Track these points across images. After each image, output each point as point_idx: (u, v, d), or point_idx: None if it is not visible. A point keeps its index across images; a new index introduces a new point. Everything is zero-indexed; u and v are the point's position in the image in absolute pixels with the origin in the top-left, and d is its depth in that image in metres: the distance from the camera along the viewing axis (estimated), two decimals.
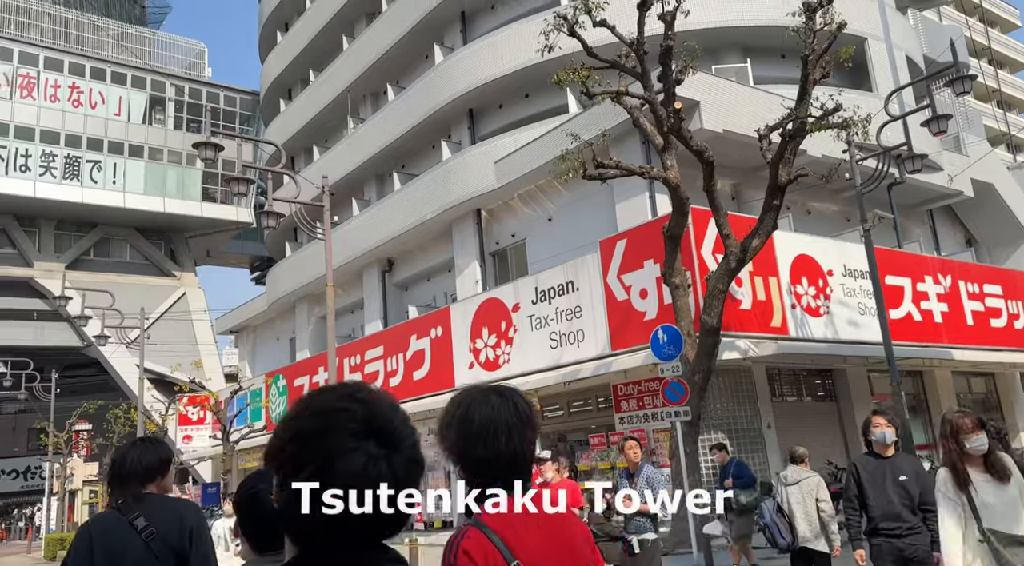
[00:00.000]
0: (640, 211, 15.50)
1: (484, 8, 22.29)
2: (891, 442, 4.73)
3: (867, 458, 4.81)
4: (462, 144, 22.13)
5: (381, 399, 1.16)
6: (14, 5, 39.74)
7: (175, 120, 39.63)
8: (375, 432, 1.10)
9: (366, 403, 1.13)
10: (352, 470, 1.07)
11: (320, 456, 1.08)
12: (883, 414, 4.86)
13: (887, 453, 4.73)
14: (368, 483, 1.07)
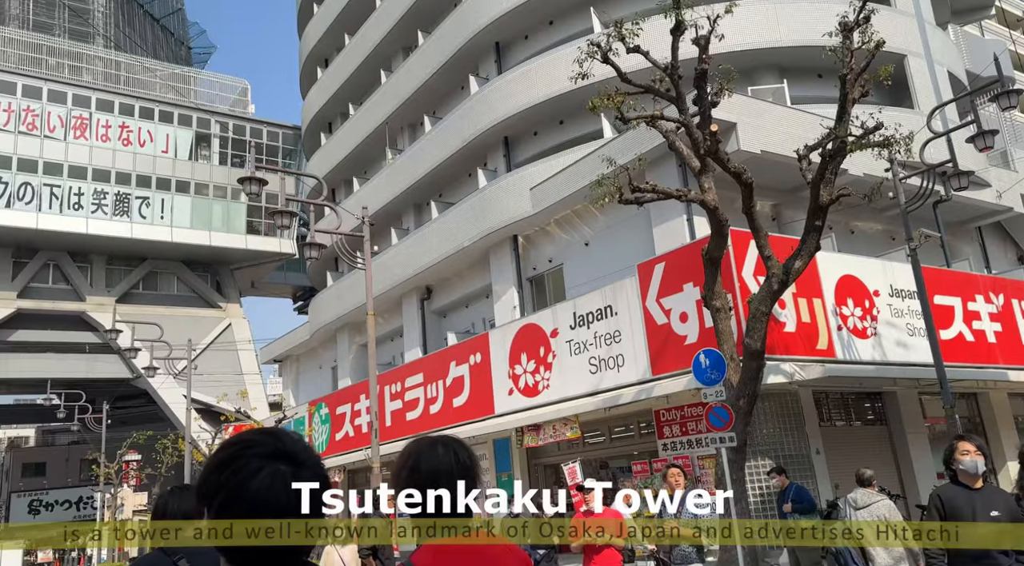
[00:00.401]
0: (678, 234, 15.39)
1: (518, 38, 22.60)
2: (981, 472, 4.25)
3: (953, 489, 4.30)
4: (498, 171, 22.33)
5: (288, 434, 1.37)
6: (68, 51, 41.60)
7: (220, 156, 40.82)
8: (281, 455, 1.30)
9: (274, 435, 1.34)
10: (263, 486, 1.26)
11: (235, 477, 1.27)
12: (971, 440, 4.34)
13: (976, 485, 4.24)
14: (278, 497, 1.27)
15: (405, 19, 26.43)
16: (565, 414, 14.64)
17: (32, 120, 35.84)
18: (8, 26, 43.14)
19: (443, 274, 23.46)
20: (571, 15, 20.96)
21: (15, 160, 35.12)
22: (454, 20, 23.63)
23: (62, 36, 44.73)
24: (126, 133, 37.97)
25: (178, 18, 56.95)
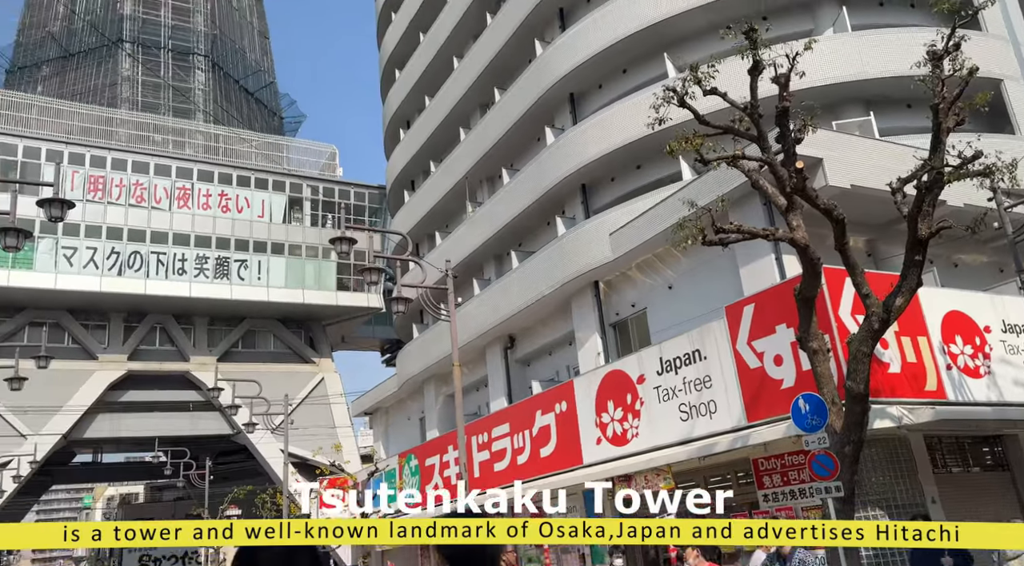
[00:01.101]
0: (767, 274, 14.96)
1: (592, 88, 22.91)
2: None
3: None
4: (576, 219, 22.43)
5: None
6: (172, 127, 44.91)
7: (311, 217, 42.76)
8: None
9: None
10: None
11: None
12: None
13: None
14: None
15: (481, 78, 27.28)
16: (657, 464, 14.22)
17: (141, 193, 38.67)
18: (120, 108, 47.05)
19: (525, 323, 23.54)
20: (644, 62, 21.13)
21: (126, 231, 37.85)
22: (528, 76, 24.22)
23: (167, 114, 48.38)
24: (225, 201, 40.40)
25: (270, 91, 60.72)
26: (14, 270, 34.90)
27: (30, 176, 34.57)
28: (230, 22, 58.02)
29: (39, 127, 40.06)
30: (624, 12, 20.79)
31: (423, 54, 32.12)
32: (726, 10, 18.48)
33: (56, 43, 52.43)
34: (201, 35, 54.07)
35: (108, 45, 51.02)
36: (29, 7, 55.05)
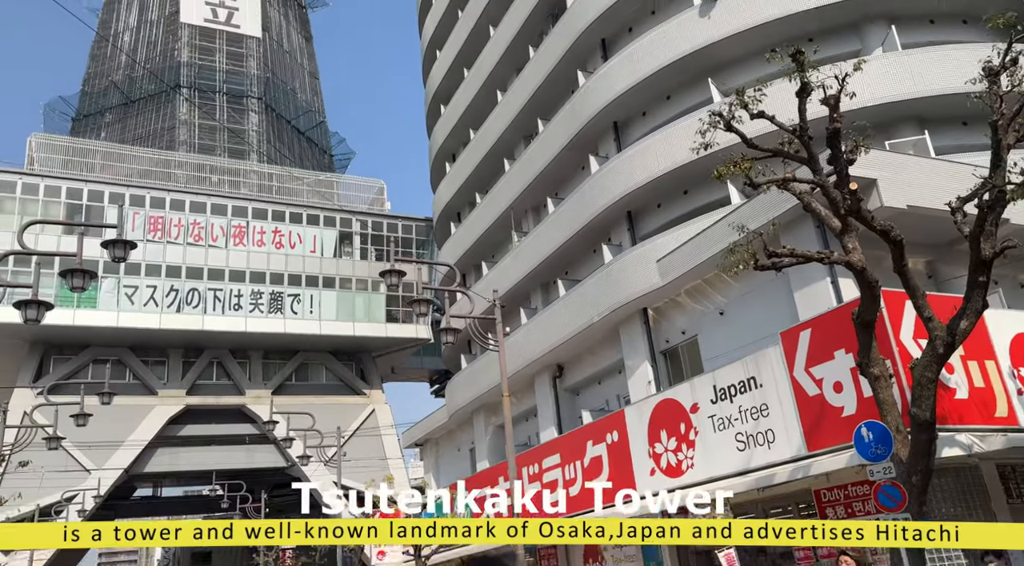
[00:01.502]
0: (822, 298, 14.59)
1: (635, 116, 22.93)
2: None
3: None
4: (623, 246, 22.31)
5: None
6: (228, 168, 46.49)
7: (361, 251, 43.58)
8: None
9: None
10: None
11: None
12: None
13: None
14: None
15: (525, 110, 27.58)
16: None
17: (198, 232, 39.99)
18: (178, 151, 48.96)
19: (574, 351, 23.38)
20: (688, 88, 21.08)
21: (184, 269, 39.12)
22: (572, 106, 24.38)
23: (223, 155, 50.14)
24: (278, 237, 41.50)
25: (321, 130, 62.46)
26: (79, 309, 36.30)
27: (94, 218, 36.09)
28: (282, 65, 60.10)
29: (102, 171, 41.92)
30: (667, 40, 20.82)
31: (467, 89, 32.67)
32: (771, 34, 18.35)
33: (118, 91, 55.02)
34: (254, 78, 56.11)
35: (167, 91, 53.32)
36: (93, 58, 58.00)
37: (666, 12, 21.89)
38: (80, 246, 11.96)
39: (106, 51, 56.99)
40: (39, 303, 12.03)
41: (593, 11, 23.55)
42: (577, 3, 24.50)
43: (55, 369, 38.61)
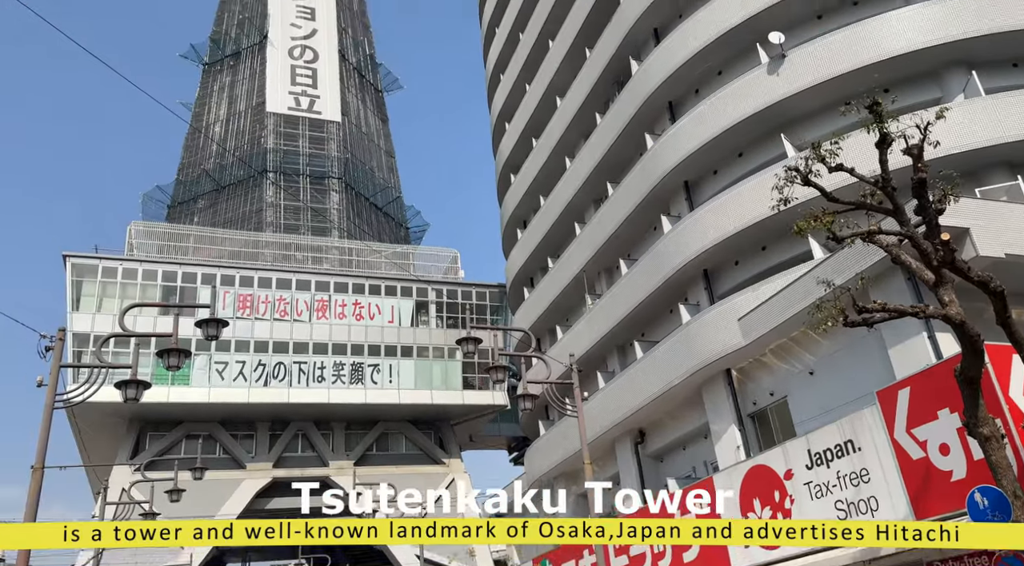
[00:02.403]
0: (919, 354, 13.80)
1: (706, 174, 22.80)
2: None
3: None
4: (700, 305, 21.86)
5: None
6: (311, 245, 48.53)
7: (437, 319, 44.25)
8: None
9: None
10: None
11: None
12: None
13: None
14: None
15: (594, 174, 27.88)
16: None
17: (284, 308, 41.59)
18: (265, 231, 51.54)
19: (655, 415, 22.76)
20: (760, 144, 20.89)
21: (271, 343, 40.57)
22: (641, 168, 24.49)
23: (306, 233, 52.45)
24: (358, 309, 42.70)
25: (397, 204, 64.75)
26: (174, 386, 37.94)
27: (188, 299, 38.07)
28: (360, 146, 63.09)
29: (195, 254, 44.41)
30: (736, 98, 20.81)
31: (536, 157, 33.36)
32: (844, 86, 18.09)
33: (210, 178, 58.77)
34: (335, 160, 59.01)
35: (254, 176, 56.61)
36: (187, 149, 62.39)
37: (733, 72, 21.95)
38: (175, 326, 12.59)
39: (199, 142, 61.27)
40: (138, 383, 12.65)
41: (659, 75, 23.86)
42: (643, 69, 24.90)
43: (151, 445, 40.16)
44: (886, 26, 18.55)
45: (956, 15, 18.01)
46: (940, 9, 18.26)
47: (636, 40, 26.06)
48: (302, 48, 62.36)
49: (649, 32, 25.73)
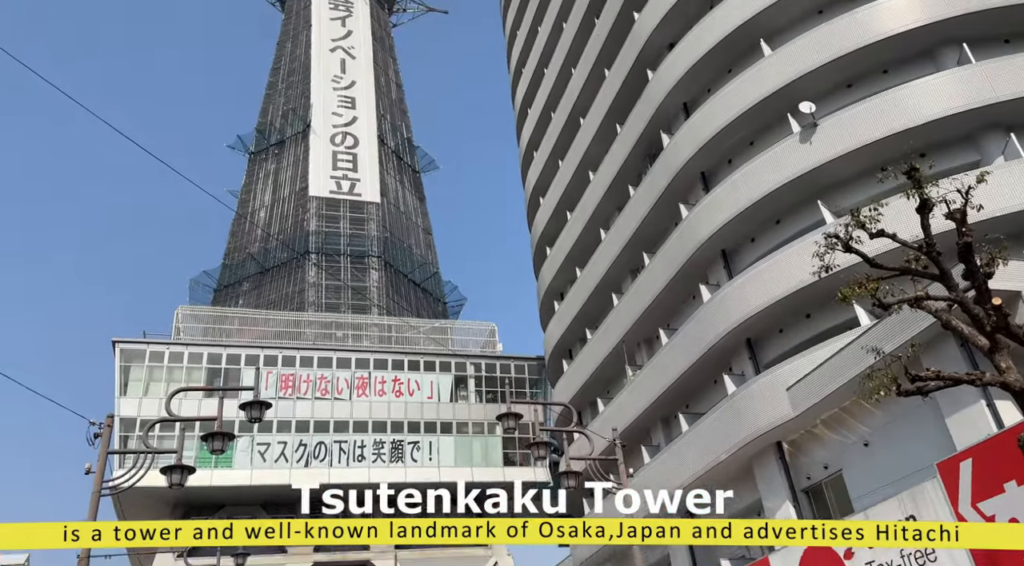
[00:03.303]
0: (980, 423, 13.21)
1: (744, 242, 22.70)
2: None
3: None
4: (745, 375, 21.36)
5: None
6: (351, 322, 49.17)
7: (476, 394, 43.97)
8: None
9: None
10: None
11: None
12: None
13: None
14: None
15: (629, 245, 27.96)
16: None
17: (325, 386, 41.83)
18: (307, 311, 52.48)
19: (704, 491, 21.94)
20: (797, 211, 20.81)
21: (312, 423, 40.66)
22: (677, 238, 24.50)
23: (347, 311, 53.25)
24: (397, 385, 42.71)
25: (435, 280, 65.64)
26: (216, 469, 38.03)
27: (231, 380, 38.59)
28: (399, 225, 64.62)
29: (239, 336, 45.25)
30: (769, 167, 20.91)
31: (571, 230, 33.68)
32: (879, 152, 18.06)
33: (255, 261, 60.50)
34: (374, 239, 60.42)
35: (297, 258, 58.13)
36: (233, 235, 64.57)
37: (765, 141, 22.14)
38: (220, 410, 12.73)
39: (244, 227, 63.43)
40: (183, 468, 12.72)
41: (690, 147, 24.15)
42: (674, 142, 25.26)
43: None
44: (919, 92, 18.63)
45: (989, 80, 18.03)
46: (973, 74, 18.31)
47: (666, 114, 26.56)
48: (343, 135, 64.93)
49: (679, 107, 26.24)
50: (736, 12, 23.50)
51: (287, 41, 73.87)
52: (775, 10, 22.68)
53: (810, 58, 20.97)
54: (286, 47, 73.44)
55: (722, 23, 23.89)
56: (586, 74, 32.69)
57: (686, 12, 25.75)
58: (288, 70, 70.89)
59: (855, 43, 20.22)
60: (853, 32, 20.39)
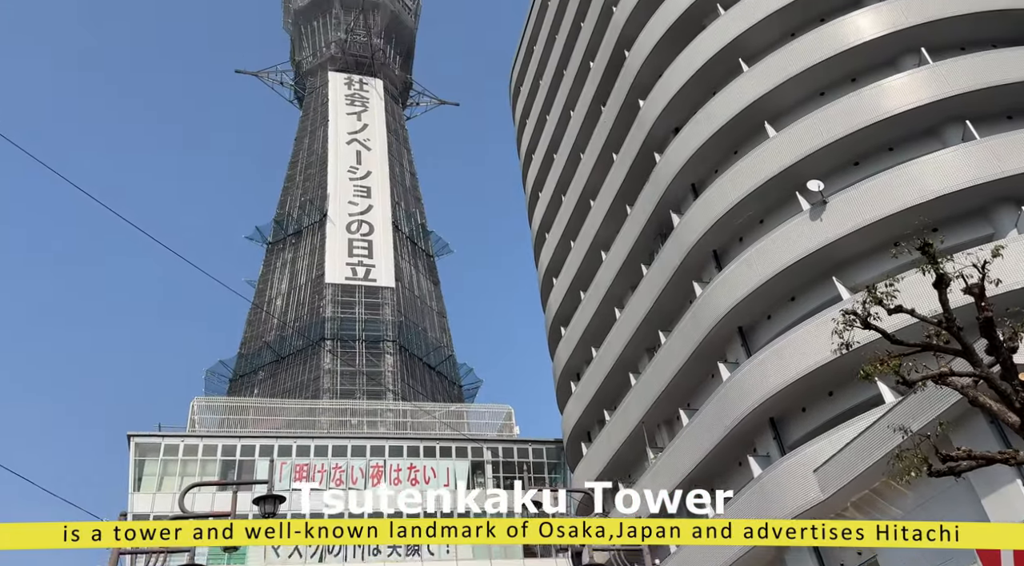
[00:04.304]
0: (1016, 504, 12.68)
1: (760, 320, 22.56)
2: None
3: None
4: (770, 456, 20.79)
5: None
6: (366, 409, 48.74)
7: (493, 479, 42.92)
8: None
9: None
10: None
11: None
12: None
13: None
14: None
15: (644, 325, 27.84)
16: None
17: (339, 476, 41.05)
18: (322, 398, 52.17)
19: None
20: (812, 288, 20.77)
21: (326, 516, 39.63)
22: (692, 316, 24.40)
23: (362, 397, 52.88)
24: (413, 473, 41.82)
25: (449, 363, 65.33)
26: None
27: (246, 472, 38.01)
28: (413, 309, 64.97)
29: (254, 426, 44.88)
30: (781, 244, 21.01)
31: (585, 310, 33.66)
32: (890, 228, 18.16)
33: (271, 350, 60.67)
34: (389, 324, 60.64)
35: (312, 344, 58.27)
36: (250, 324, 65.09)
37: (775, 219, 22.34)
38: (233, 506, 12.49)
39: (261, 316, 63.97)
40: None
41: (701, 226, 24.38)
42: (684, 222, 25.53)
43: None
44: (927, 168, 18.90)
45: (995, 155, 18.29)
46: (979, 149, 18.59)
47: (675, 195, 26.97)
48: (359, 222, 66.31)
49: (687, 187, 26.66)
50: (739, 96, 24.19)
51: (305, 136, 76.60)
52: (777, 94, 23.34)
53: (816, 138, 21.41)
54: (304, 142, 76.08)
55: (725, 107, 24.56)
56: (594, 158, 33.47)
57: (689, 98, 26.53)
58: (306, 163, 73.20)
59: (860, 122, 20.67)
60: (858, 112, 20.88)
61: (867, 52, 22.30)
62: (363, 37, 79.63)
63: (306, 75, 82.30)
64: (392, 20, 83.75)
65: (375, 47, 80.00)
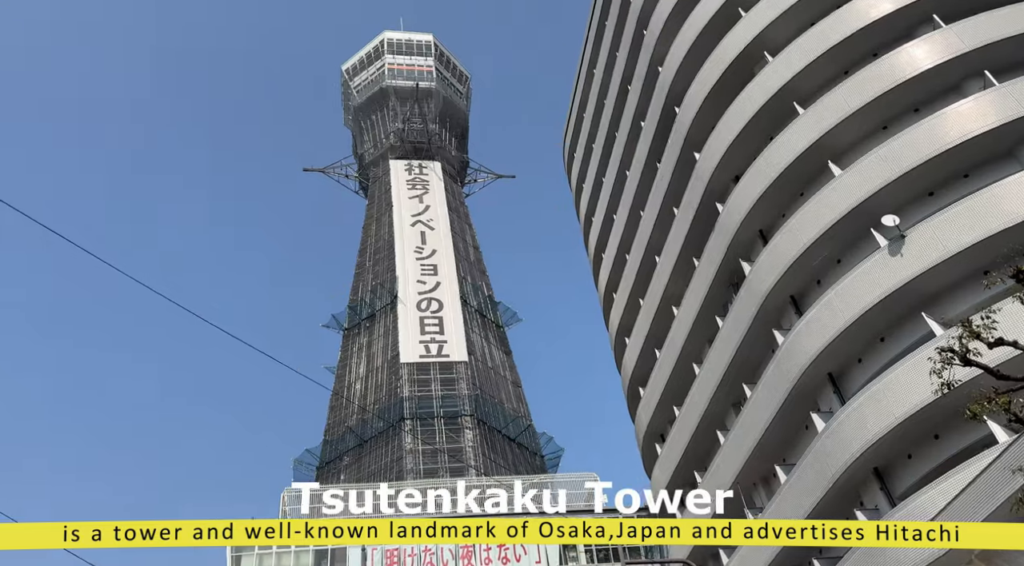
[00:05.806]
0: None
1: (850, 363, 21.56)
2: None
3: None
4: (879, 509, 19.47)
5: None
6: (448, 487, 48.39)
7: (587, 554, 41.47)
8: None
9: None
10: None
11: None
12: None
13: None
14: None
15: (726, 379, 26.94)
16: None
17: (430, 559, 40.46)
18: (406, 479, 52.16)
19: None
20: (901, 326, 19.83)
21: None
22: (775, 366, 23.52)
23: (444, 475, 52.59)
24: (504, 551, 40.85)
25: (529, 433, 64.59)
26: None
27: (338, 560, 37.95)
28: (488, 381, 65.00)
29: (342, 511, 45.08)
30: (861, 284, 20.25)
31: (662, 368, 32.86)
32: (978, 256, 17.34)
33: (353, 434, 61.43)
34: (466, 398, 60.73)
35: (392, 425, 58.73)
36: (332, 409, 66.33)
37: (852, 258, 21.63)
38: None
39: (342, 402, 65.12)
40: None
41: (774, 273, 23.77)
42: (755, 270, 24.96)
43: None
44: (1011, 191, 18.11)
45: None
46: None
47: (743, 243, 26.48)
48: (428, 300, 67.59)
49: (754, 234, 26.17)
50: (798, 139, 23.90)
51: (371, 223, 79.50)
52: (837, 132, 22.98)
53: (886, 172, 20.85)
54: (371, 228, 78.91)
55: (785, 151, 24.27)
56: (655, 215, 33.33)
57: (746, 146, 26.36)
58: (374, 249, 75.69)
59: (930, 152, 20.08)
60: (926, 142, 20.32)
61: (927, 81, 21.84)
62: (419, 124, 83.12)
63: (368, 166, 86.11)
64: (445, 105, 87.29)
65: (431, 132, 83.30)
